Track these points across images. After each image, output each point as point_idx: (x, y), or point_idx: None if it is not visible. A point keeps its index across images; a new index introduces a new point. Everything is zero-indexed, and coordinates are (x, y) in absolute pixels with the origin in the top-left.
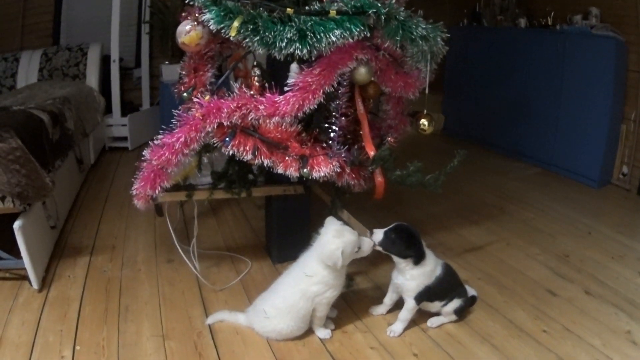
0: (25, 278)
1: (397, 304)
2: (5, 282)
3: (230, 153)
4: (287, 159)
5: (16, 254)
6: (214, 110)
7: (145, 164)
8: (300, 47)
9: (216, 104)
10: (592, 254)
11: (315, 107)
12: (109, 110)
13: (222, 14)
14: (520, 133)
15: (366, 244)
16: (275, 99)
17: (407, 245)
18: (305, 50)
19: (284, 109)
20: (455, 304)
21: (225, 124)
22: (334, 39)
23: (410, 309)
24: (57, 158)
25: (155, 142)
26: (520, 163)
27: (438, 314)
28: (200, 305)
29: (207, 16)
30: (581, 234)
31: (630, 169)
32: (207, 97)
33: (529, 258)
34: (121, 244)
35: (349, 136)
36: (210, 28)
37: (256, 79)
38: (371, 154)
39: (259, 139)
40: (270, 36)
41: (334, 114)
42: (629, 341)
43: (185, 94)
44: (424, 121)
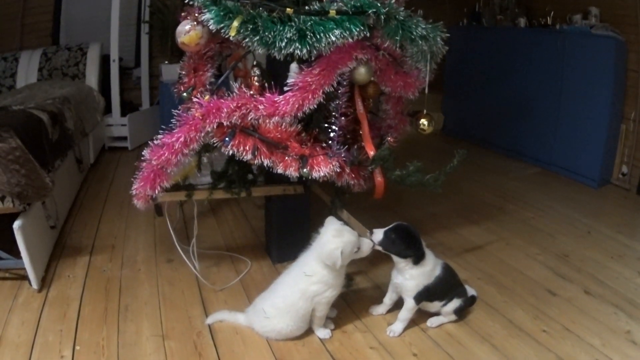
0: (25, 278)
1: (397, 304)
2: (5, 282)
3: (230, 153)
4: (287, 158)
5: (16, 253)
6: (214, 110)
7: (144, 164)
8: (299, 47)
9: (216, 103)
10: (592, 254)
11: (315, 107)
12: (108, 110)
13: (222, 13)
14: (520, 133)
15: (366, 244)
16: (275, 99)
17: (407, 245)
18: (304, 50)
19: (283, 108)
20: (454, 303)
21: (225, 123)
22: (333, 38)
23: (409, 309)
24: (57, 158)
25: (155, 142)
26: (520, 163)
27: (438, 314)
28: (200, 305)
29: (207, 16)
30: (581, 234)
31: (630, 168)
32: (207, 97)
33: (528, 258)
34: (121, 243)
35: (348, 136)
36: (210, 28)
37: (256, 78)
38: (371, 153)
39: (258, 138)
40: (270, 36)
41: (333, 113)
42: (628, 341)
43: (184, 94)
44: (423, 121)
